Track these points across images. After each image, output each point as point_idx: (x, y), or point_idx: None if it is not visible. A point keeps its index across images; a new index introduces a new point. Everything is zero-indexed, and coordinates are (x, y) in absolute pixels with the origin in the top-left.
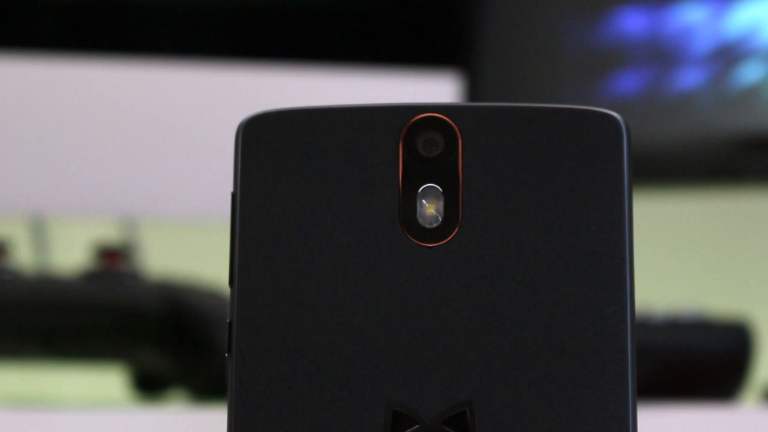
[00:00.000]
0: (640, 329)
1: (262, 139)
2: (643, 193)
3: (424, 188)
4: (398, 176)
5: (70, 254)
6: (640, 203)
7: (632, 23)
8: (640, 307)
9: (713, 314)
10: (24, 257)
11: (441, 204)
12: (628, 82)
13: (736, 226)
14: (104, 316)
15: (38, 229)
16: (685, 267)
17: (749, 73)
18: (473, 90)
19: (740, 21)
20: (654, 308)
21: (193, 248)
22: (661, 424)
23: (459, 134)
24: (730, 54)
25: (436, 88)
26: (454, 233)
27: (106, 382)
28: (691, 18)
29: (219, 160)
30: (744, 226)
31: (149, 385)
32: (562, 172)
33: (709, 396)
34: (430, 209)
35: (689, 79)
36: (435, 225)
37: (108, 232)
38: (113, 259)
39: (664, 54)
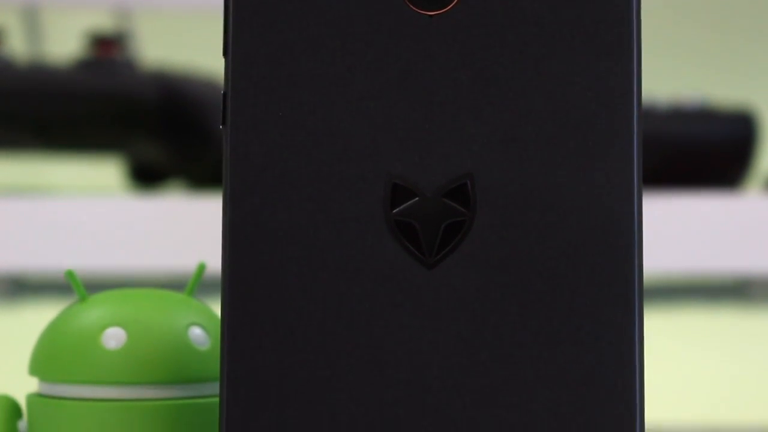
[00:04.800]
0: (643, 119)
1: None
2: None
3: None
4: None
5: (63, 43)
6: None
7: None
8: (643, 96)
9: (718, 103)
10: (17, 46)
11: None
12: None
13: (742, 12)
14: (98, 105)
15: (31, 17)
16: (689, 55)
17: None
18: None
19: None
20: (657, 97)
21: (188, 37)
22: (665, 211)
23: None
24: None
25: None
26: (455, 0)
27: (103, 174)
28: None
29: None
30: (750, 13)
31: (146, 176)
32: None
33: (712, 184)
34: None
35: None
36: None
37: (102, 20)
38: (107, 48)
39: None
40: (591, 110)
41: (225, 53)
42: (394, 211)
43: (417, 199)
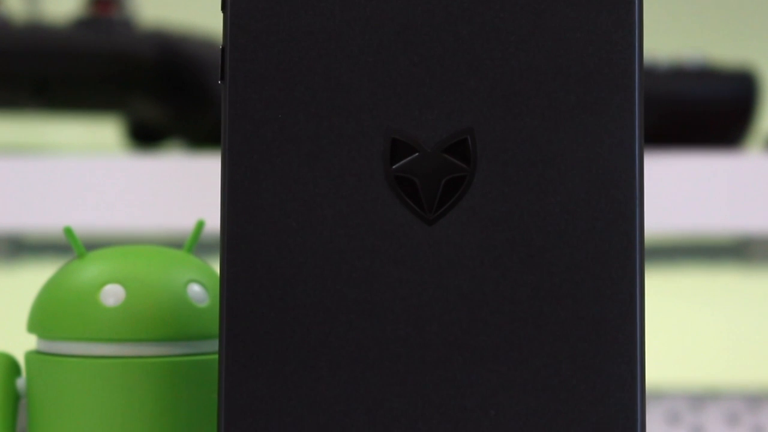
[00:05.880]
0: (645, 78)
1: None
2: None
3: None
4: None
5: (61, 1)
6: None
7: None
8: (644, 55)
9: (718, 62)
10: (15, 5)
11: None
12: None
13: None
14: (96, 64)
15: None
16: (690, 14)
17: None
18: None
19: None
20: (658, 56)
21: None
22: (665, 170)
23: None
24: None
25: None
26: None
27: (102, 133)
28: None
29: None
30: None
31: (145, 135)
32: None
33: (713, 143)
34: None
35: None
36: None
37: None
38: (106, 6)
39: None
40: (592, 66)
41: (223, 7)
42: (394, 166)
43: (417, 154)
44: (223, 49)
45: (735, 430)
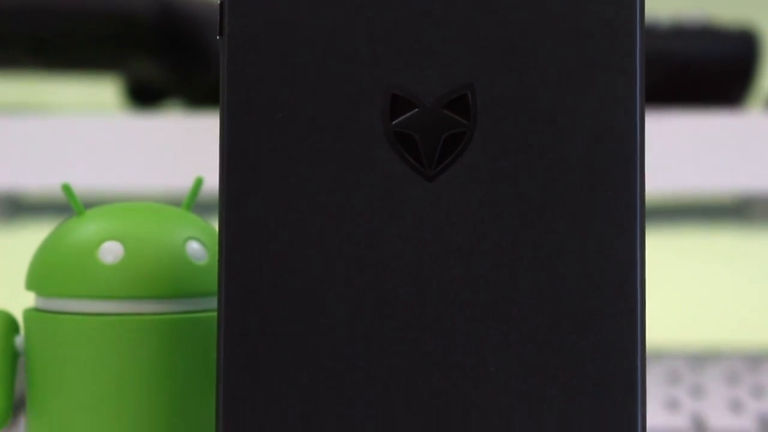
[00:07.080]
0: (645, 37)
1: None
2: None
3: None
4: None
5: None
6: None
7: None
8: (645, 14)
9: (720, 21)
10: None
11: None
12: None
13: None
14: (95, 23)
15: None
16: None
17: None
18: None
19: None
20: (659, 15)
21: None
22: (666, 129)
23: None
24: None
25: None
26: None
27: (101, 92)
28: None
29: None
30: None
31: (144, 95)
32: None
33: (714, 102)
34: None
35: None
36: None
37: None
38: None
39: None
40: (593, 23)
41: None
42: (394, 122)
43: (417, 110)
44: (221, 5)
45: (735, 390)
